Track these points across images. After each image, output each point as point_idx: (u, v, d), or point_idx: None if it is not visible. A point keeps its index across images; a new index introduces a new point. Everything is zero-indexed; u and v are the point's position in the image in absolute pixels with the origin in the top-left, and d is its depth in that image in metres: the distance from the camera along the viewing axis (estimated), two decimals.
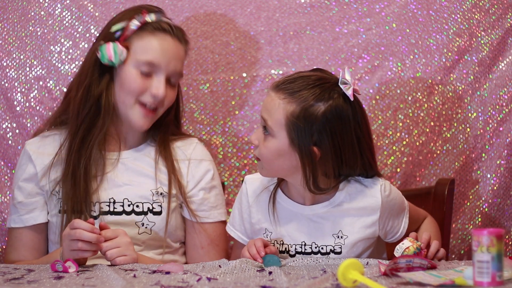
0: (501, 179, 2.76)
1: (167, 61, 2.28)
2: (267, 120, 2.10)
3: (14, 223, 2.34)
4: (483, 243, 1.65)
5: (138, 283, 1.80)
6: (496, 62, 2.78)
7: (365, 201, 2.15)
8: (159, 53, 2.28)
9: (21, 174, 2.35)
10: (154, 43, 2.28)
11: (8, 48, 2.78)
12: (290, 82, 2.10)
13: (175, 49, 2.31)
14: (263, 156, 2.12)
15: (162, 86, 2.28)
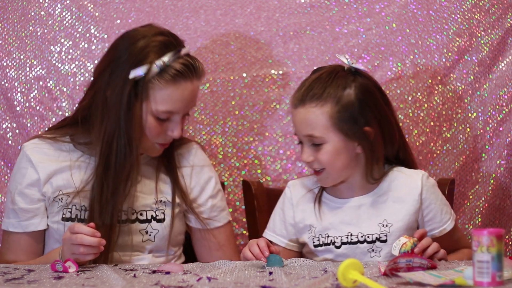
0: (501, 179, 2.76)
1: (186, 105, 2.22)
2: (313, 134, 2.20)
3: (13, 227, 2.29)
4: (483, 243, 1.65)
5: (138, 283, 1.80)
6: (496, 62, 2.78)
7: (407, 190, 2.25)
8: (180, 101, 2.20)
9: (22, 179, 2.28)
10: (175, 94, 2.19)
11: (8, 48, 2.78)
12: (309, 90, 2.21)
13: (194, 90, 2.24)
14: (326, 163, 2.22)
15: (178, 128, 2.23)
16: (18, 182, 2.29)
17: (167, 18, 2.80)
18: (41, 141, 2.31)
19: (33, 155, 2.28)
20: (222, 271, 1.92)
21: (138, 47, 2.19)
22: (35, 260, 2.25)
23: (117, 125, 2.18)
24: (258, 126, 2.78)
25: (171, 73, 2.17)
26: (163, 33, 2.24)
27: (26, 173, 2.28)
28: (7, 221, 2.31)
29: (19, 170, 2.30)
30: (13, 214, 2.29)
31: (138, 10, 2.80)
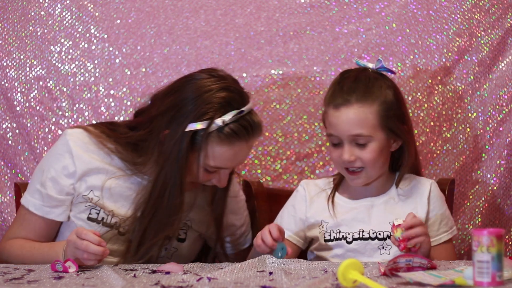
0: (501, 179, 2.76)
1: (236, 163, 2.25)
2: (361, 133, 2.26)
3: (34, 208, 2.26)
4: (483, 243, 1.65)
5: (138, 283, 1.80)
6: (496, 62, 2.78)
7: (418, 193, 2.34)
8: (231, 160, 2.21)
9: (58, 165, 2.25)
10: (228, 153, 2.20)
11: (8, 48, 2.78)
12: (351, 91, 2.28)
13: (249, 148, 2.25)
14: (369, 161, 2.29)
15: (224, 180, 2.24)
16: (53, 168, 2.25)
17: (167, 18, 2.80)
18: (86, 135, 2.27)
19: (75, 146, 2.25)
20: (223, 271, 1.92)
21: (202, 101, 2.19)
22: (40, 245, 2.23)
23: (172, 173, 2.18)
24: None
25: (227, 133, 2.17)
26: (228, 88, 2.21)
27: (64, 162, 2.24)
28: (30, 200, 2.27)
29: (57, 155, 2.26)
30: (38, 196, 2.26)
31: (138, 10, 2.80)
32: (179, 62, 2.79)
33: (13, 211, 2.69)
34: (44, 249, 2.21)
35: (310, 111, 2.76)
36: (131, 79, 2.78)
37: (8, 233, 2.33)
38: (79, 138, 2.26)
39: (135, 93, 2.78)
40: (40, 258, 2.18)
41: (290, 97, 2.77)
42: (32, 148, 2.75)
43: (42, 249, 2.22)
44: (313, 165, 2.76)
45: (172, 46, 2.79)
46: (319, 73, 2.78)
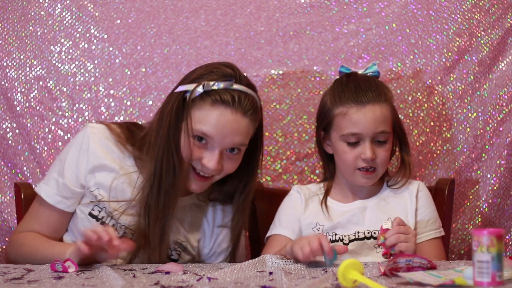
0: (501, 179, 2.76)
1: (222, 136, 2.16)
2: (385, 129, 2.33)
3: (46, 195, 2.25)
4: (483, 243, 1.65)
5: (138, 283, 1.80)
6: (496, 62, 2.78)
7: (407, 192, 2.38)
8: (214, 126, 2.15)
9: (76, 157, 2.24)
10: (210, 116, 2.15)
11: (8, 48, 2.78)
12: (368, 90, 2.34)
13: (235, 123, 2.16)
14: (384, 161, 2.36)
15: (214, 159, 2.16)
16: (71, 158, 2.25)
17: (167, 18, 2.80)
18: (107, 131, 2.27)
19: (93, 140, 2.25)
20: (223, 271, 1.92)
21: (199, 68, 2.24)
22: (50, 243, 2.22)
23: (167, 143, 2.17)
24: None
25: (212, 97, 2.15)
26: (230, 65, 2.24)
27: (82, 155, 2.24)
28: (44, 187, 2.27)
29: (78, 148, 2.26)
30: (54, 184, 2.26)
31: (138, 10, 2.80)
32: (179, 62, 2.79)
33: (13, 211, 2.69)
34: (55, 248, 2.19)
35: (310, 111, 2.76)
36: (131, 79, 2.78)
37: (20, 226, 2.32)
38: (99, 132, 2.27)
39: (135, 93, 2.78)
40: (51, 256, 2.14)
41: (290, 97, 2.77)
42: (32, 148, 2.75)
43: (53, 246, 2.20)
44: (313, 165, 2.76)
45: (172, 46, 2.79)
46: (319, 73, 2.78)
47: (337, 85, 2.39)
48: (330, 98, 2.37)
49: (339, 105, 2.33)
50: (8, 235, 2.71)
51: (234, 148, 2.19)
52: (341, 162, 2.37)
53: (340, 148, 2.34)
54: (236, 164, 2.22)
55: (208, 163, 2.17)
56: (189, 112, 2.17)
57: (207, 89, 2.16)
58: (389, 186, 2.42)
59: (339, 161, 2.38)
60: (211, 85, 2.16)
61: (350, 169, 2.35)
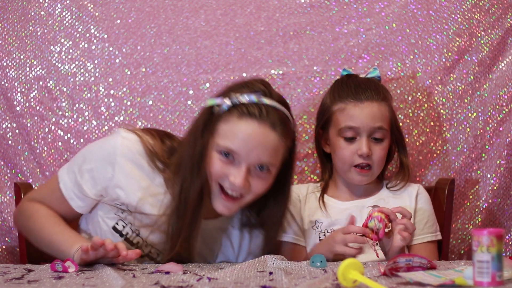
0: (501, 179, 2.76)
1: (247, 149, 2.04)
2: (383, 126, 2.37)
3: (63, 185, 2.18)
4: (483, 243, 1.65)
5: (138, 283, 1.80)
6: (496, 62, 2.78)
7: (406, 193, 2.43)
8: (241, 140, 2.04)
9: (100, 164, 2.14)
10: (237, 130, 2.05)
11: (8, 48, 2.78)
12: (367, 88, 2.39)
13: (261, 136, 2.04)
14: (380, 159, 2.39)
15: (241, 176, 2.05)
16: (95, 163, 2.16)
17: (167, 18, 2.80)
18: (140, 147, 2.15)
19: (122, 153, 2.14)
20: (223, 271, 1.92)
21: (231, 85, 2.16)
22: (60, 228, 2.16)
23: (193, 159, 2.09)
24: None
25: (239, 110, 2.05)
26: (263, 82, 2.14)
27: (106, 164, 2.14)
28: (65, 177, 2.20)
29: (105, 157, 2.15)
30: (72, 178, 2.19)
31: (138, 10, 2.80)
32: (179, 62, 2.79)
33: (13, 211, 2.69)
34: (63, 237, 2.14)
35: (310, 111, 2.76)
36: (131, 79, 2.78)
37: (34, 193, 2.27)
38: (131, 145, 2.15)
39: (135, 93, 2.78)
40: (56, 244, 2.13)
41: (290, 97, 2.77)
42: (32, 148, 2.75)
43: (63, 233, 2.15)
44: (313, 165, 2.76)
45: (172, 46, 2.79)
46: (319, 73, 2.78)
47: (337, 84, 2.45)
48: (330, 96, 2.43)
49: (338, 101, 2.38)
50: (8, 235, 2.71)
51: (263, 166, 2.07)
52: (337, 158, 2.39)
53: (337, 144, 2.37)
54: (265, 184, 2.10)
55: (235, 180, 2.05)
56: (215, 126, 2.07)
57: (234, 102, 2.06)
58: (388, 188, 2.43)
59: (336, 158, 2.40)
60: (238, 98, 2.06)
61: (346, 166, 2.36)
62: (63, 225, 2.19)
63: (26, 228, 2.24)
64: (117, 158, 2.14)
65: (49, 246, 2.15)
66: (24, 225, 2.24)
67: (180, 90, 2.78)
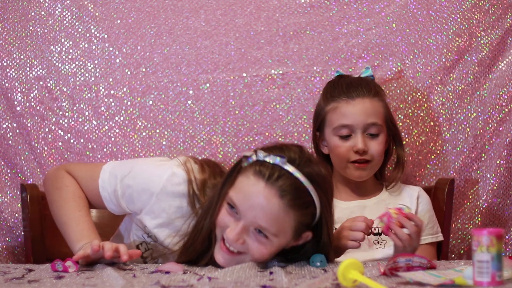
0: (501, 179, 2.76)
1: (245, 207, 1.96)
2: (377, 122, 2.39)
3: (102, 184, 2.14)
4: (483, 243, 1.65)
5: (138, 282, 1.80)
6: (496, 62, 2.78)
7: (407, 194, 2.46)
8: (242, 196, 1.97)
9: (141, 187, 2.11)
10: (243, 184, 1.98)
11: (9, 48, 2.78)
12: (361, 85, 2.43)
13: (263, 200, 1.94)
14: (376, 154, 2.40)
15: (235, 231, 1.97)
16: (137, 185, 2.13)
17: (167, 18, 2.80)
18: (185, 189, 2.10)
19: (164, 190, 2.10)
20: (223, 271, 1.92)
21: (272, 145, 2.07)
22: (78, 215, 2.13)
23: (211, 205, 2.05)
24: (258, 126, 2.78)
25: (256, 168, 1.97)
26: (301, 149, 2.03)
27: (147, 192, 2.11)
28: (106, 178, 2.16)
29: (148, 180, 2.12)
30: (113, 181, 2.15)
31: (138, 10, 2.80)
32: (179, 62, 2.79)
33: (13, 211, 2.70)
34: (77, 226, 2.11)
35: (310, 111, 2.76)
36: (131, 79, 2.78)
37: (74, 168, 2.22)
38: (176, 185, 2.10)
39: (135, 93, 2.78)
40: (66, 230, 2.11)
41: (290, 97, 2.77)
42: (32, 148, 2.75)
43: (80, 222, 2.12)
44: None
45: (172, 46, 2.79)
46: (319, 73, 2.78)
47: (329, 85, 2.49)
48: (322, 97, 2.46)
49: (330, 101, 2.40)
50: (9, 235, 2.71)
51: (261, 230, 1.96)
52: (334, 157, 2.40)
53: (333, 142, 2.38)
54: (263, 249, 1.99)
55: (229, 233, 1.98)
56: (235, 177, 2.01)
57: (259, 158, 1.98)
58: (388, 189, 2.44)
59: (333, 157, 2.41)
60: (262, 156, 1.98)
61: (343, 163, 2.37)
62: (84, 212, 2.15)
63: (51, 196, 2.20)
64: (158, 191, 2.10)
65: (61, 226, 2.14)
66: (50, 193, 2.20)
67: (180, 90, 2.78)
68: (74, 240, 2.10)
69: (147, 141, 2.77)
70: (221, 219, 2.01)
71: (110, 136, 2.77)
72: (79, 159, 2.74)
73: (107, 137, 2.77)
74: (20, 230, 2.70)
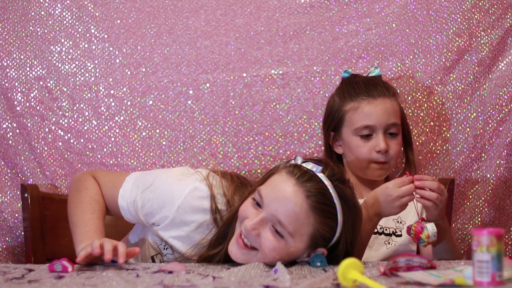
0: (501, 179, 2.76)
1: (270, 199, 1.98)
2: (397, 122, 2.41)
3: (123, 192, 2.15)
4: (483, 243, 1.65)
5: (141, 282, 1.80)
6: (496, 62, 2.79)
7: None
8: (270, 189, 1.99)
9: (161, 201, 2.11)
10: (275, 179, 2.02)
11: (9, 48, 2.78)
12: (378, 86, 2.43)
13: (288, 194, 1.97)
14: (396, 154, 2.43)
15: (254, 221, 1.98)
16: (158, 198, 2.13)
17: (167, 18, 2.80)
18: (206, 204, 2.10)
19: (186, 205, 2.10)
20: (228, 271, 1.91)
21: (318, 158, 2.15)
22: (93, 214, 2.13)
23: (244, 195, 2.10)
24: (258, 126, 2.78)
25: (291, 169, 2.01)
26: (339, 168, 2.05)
27: (168, 205, 2.11)
28: (128, 188, 2.17)
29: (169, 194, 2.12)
30: (133, 193, 2.16)
31: (138, 10, 2.80)
32: (179, 62, 2.79)
33: (13, 211, 2.70)
34: (85, 227, 2.11)
35: (310, 111, 2.76)
36: (131, 79, 2.78)
37: (100, 174, 2.23)
38: (199, 198, 2.11)
39: (135, 93, 2.78)
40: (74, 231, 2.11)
41: (290, 97, 2.78)
42: (32, 148, 2.75)
43: (88, 224, 2.13)
44: None
45: (172, 46, 2.79)
46: (319, 73, 2.78)
47: (346, 84, 2.46)
48: (339, 97, 2.43)
49: (349, 101, 2.39)
50: (9, 234, 2.72)
51: (278, 227, 1.97)
52: (354, 157, 2.39)
53: (354, 143, 2.37)
54: (275, 245, 1.98)
55: (247, 222, 1.99)
56: (268, 176, 2.05)
57: (297, 162, 2.02)
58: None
59: (352, 157, 2.40)
60: (300, 161, 2.02)
61: (364, 163, 2.37)
62: (96, 215, 2.15)
63: (70, 196, 2.21)
64: (180, 205, 2.10)
65: (72, 227, 2.14)
66: (71, 193, 2.21)
67: (180, 90, 2.78)
68: (78, 241, 2.10)
69: (147, 141, 2.77)
70: (242, 210, 2.02)
71: (110, 136, 2.77)
72: (79, 159, 2.75)
73: (107, 137, 2.77)
74: (20, 230, 2.70)
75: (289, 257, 2.02)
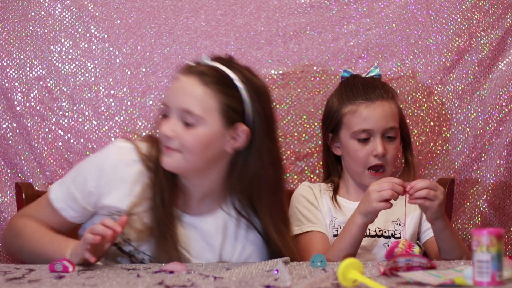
0: (501, 179, 2.76)
1: (171, 98, 2.10)
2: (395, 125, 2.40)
3: (55, 198, 2.19)
4: (483, 243, 1.65)
5: (142, 282, 1.80)
6: (496, 62, 2.79)
7: None
8: (169, 91, 2.13)
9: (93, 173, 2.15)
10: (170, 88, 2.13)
11: (8, 48, 2.78)
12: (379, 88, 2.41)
13: (183, 82, 2.08)
14: (394, 158, 2.42)
15: (165, 126, 2.08)
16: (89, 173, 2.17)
17: (167, 18, 2.80)
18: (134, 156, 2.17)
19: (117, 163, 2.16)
20: (229, 271, 1.91)
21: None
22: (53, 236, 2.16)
23: None
24: None
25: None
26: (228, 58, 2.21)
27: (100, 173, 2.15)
28: (57, 190, 2.20)
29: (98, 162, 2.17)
30: (64, 189, 2.19)
31: (138, 10, 2.80)
32: (179, 62, 2.79)
33: (13, 211, 2.70)
34: (53, 245, 2.14)
35: (310, 111, 2.76)
36: (131, 79, 2.78)
37: (25, 209, 2.27)
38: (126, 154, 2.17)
39: (135, 93, 2.78)
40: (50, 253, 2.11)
41: (290, 97, 2.78)
42: (32, 148, 2.75)
43: (52, 241, 2.15)
44: (313, 165, 2.76)
45: (172, 46, 2.79)
46: (319, 73, 2.78)
47: (344, 86, 2.43)
48: (338, 98, 2.41)
49: (347, 103, 2.37)
50: None
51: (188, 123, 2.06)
52: (351, 161, 2.38)
53: (351, 146, 2.36)
54: (193, 136, 2.06)
55: (162, 128, 2.10)
56: None
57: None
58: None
59: (349, 160, 2.39)
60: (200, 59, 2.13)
61: (360, 168, 2.36)
62: (52, 234, 2.19)
63: (15, 245, 2.23)
64: (111, 166, 2.15)
65: (42, 257, 2.14)
66: (14, 243, 2.23)
67: None
68: (60, 255, 2.08)
69: None
70: (159, 130, 2.11)
71: (110, 136, 2.77)
72: (79, 159, 2.74)
73: (107, 137, 2.77)
74: None
75: (215, 146, 2.08)
